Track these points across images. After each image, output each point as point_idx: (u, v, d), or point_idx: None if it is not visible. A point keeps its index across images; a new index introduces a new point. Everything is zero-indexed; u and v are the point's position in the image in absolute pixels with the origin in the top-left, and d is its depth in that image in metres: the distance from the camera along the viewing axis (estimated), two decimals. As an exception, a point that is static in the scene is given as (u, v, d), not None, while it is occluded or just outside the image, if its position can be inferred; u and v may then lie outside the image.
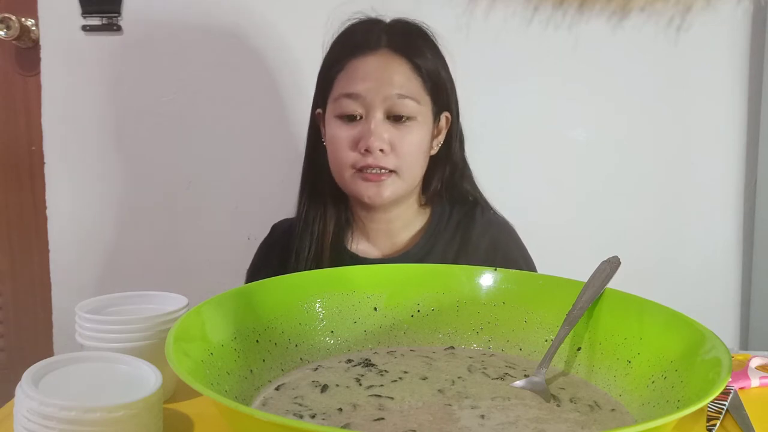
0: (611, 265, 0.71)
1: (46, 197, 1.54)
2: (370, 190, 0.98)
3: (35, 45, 1.51)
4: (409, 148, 0.98)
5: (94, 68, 1.49)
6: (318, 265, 1.03)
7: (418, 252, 1.04)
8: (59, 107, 1.51)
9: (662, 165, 1.52)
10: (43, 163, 1.53)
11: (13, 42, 1.51)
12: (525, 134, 1.49)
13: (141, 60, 1.49)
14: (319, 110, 1.06)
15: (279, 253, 1.08)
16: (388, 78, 0.97)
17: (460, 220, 1.07)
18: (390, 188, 0.99)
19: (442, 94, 1.03)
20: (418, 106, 0.99)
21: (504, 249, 1.06)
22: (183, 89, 1.49)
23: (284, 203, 1.18)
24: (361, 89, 0.97)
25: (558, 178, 1.51)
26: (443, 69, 1.03)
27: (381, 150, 0.96)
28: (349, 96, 0.98)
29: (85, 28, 1.48)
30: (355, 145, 0.97)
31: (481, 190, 1.11)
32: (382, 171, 0.98)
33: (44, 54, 1.49)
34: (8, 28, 1.48)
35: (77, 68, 1.49)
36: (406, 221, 1.06)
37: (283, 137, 1.50)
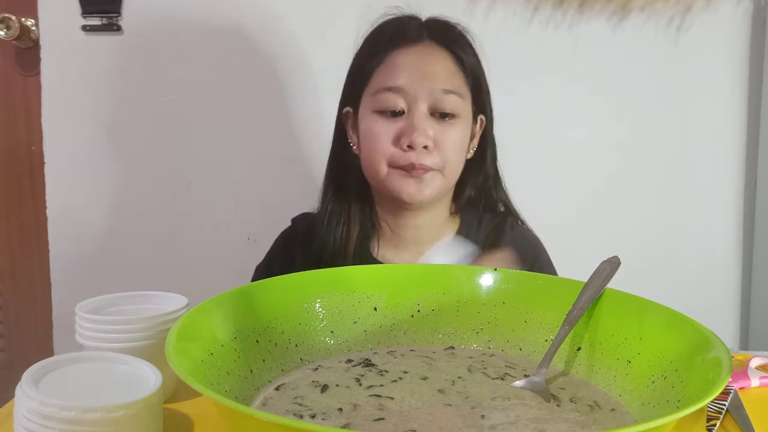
0: (611, 265, 0.71)
1: (46, 197, 1.54)
2: (411, 188, 0.93)
3: (35, 45, 1.51)
4: (453, 146, 0.94)
5: (94, 68, 1.49)
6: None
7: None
8: (59, 107, 1.51)
9: (662, 165, 1.52)
10: (43, 163, 1.53)
11: (13, 42, 1.52)
12: (525, 134, 1.49)
13: (141, 60, 1.49)
14: (348, 109, 1.01)
15: (300, 250, 1.05)
16: (432, 71, 0.93)
17: (489, 232, 1.04)
18: (431, 186, 0.94)
19: (481, 94, 1.00)
20: (462, 102, 0.95)
21: (530, 265, 1.02)
22: (183, 89, 1.49)
23: (284, 203, 1.18)
24: (404, 82, 0.92)
25: (558, 178, 1.51)
26: (481, 70, 1.00)
27: (425, 147, 0.92)
28: (391, 89, 0.93)
29: (85, 28, 1.48)
30: (396, 140, 0.93)
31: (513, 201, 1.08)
32: (426, 168, 0.93)
33: (44, 54, 1.49)
34: (8, 28, 1.48)
35: (77, 68, 1.49)
36: (435, 229, 1.02)
37: (284, 137, 1.50)
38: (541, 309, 0.73)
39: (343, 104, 1.03)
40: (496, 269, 0.77)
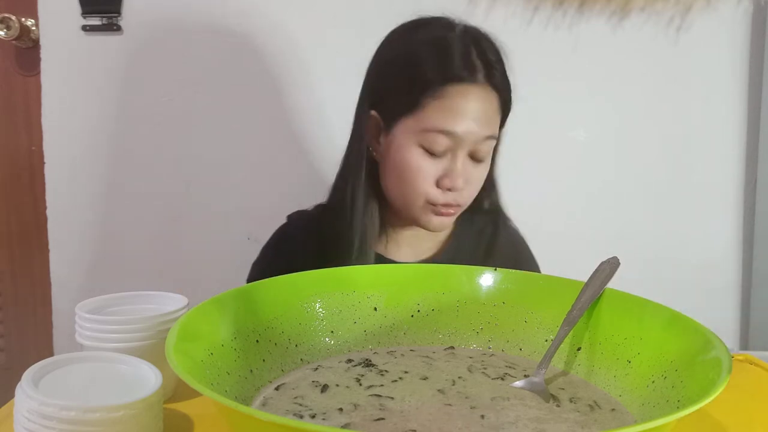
0: (611, 266, 0.71)
1: (46, 197, 1.54)
2: (437, 222, 0.97)
3: (35, 45, 1.51)
4: (479, 182, 0.98)
5: (94, 68, 1.49)
6: (361, 263, 1.00)
7: (443, 259, 1.03)
8: (59, 107, 1.51)
9: (662, 165, 1.52)
10: (43, 163, 1.53)
11: (13, 42, 1.52)
12: (525, 134, 1.49)
13: (141, 60, 1.49)
14: (374, 113, 0.98)
15: (299, 247, 1.05)
16: (486, 118, 0.93)
17: (483, 228, 1.07)
18: (453, 218, 0.99)
19: (505, 121, 1.01)
20: (494, 142, 0.97)
21: (523, 262, 1.06)
22: (183, 89, 1.49)
23: (284, 203, 1.18)
24: (462, 130, 0.91)
25: (558, 178, 1.51)
26: (510, 92, 1.00)
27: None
28: (446, 133, 0.91)
29: (85, 28, 1.48)
30: (438, 180, 0.94)
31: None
32: (458, 207, 0.97)
33: (44, 54, 1.49)
34: (8, 28, 1.48)
35: (77, 68, 1.49)
36: None
37: (284, 137, 1.50)
38: (541, 309, 0.73)
39: (368, 104, 0.99)
40: (496, 269, 0.77)
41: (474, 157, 0.95)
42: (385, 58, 0.99)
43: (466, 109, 0.91)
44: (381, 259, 1.03)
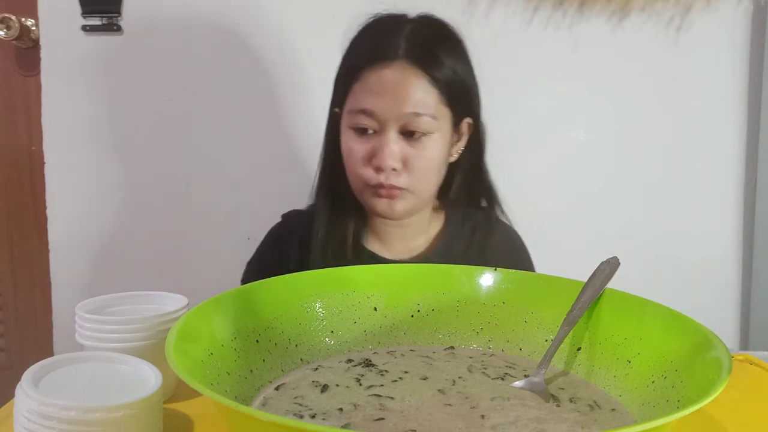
0: (610, 266, 0.71)
1: (46, 197, 1.54)
2: (383, 205, 0.97)
3: (35, 45, 1.51)
4: (423, 165, 0.96)
5: (94, 68, 1.49)
6: (340, 263, 1.01)
7: (434, 259, 1.03)
8: (59, 107, 1.51)
9: (662, 165, 1.52)
10: (43, 163, 1.53)
11: (13, 42, 1.52)
12: (525, 134, 1.49)
13: (141, 60, 1.49)
14: (337, 109, 1.03)
15: (293, 245, 1.06)
16: (404, 94, 0.93)
17: (475, 226, 1.06)
18: (402, 203, 0.97)
19: (463, 102, 0.99)
20: (435, 121, 0.95)
21: (518, 259, 1.06)
22: (183, 89, 1.49)
23: (284, 204, 1.18)
24: (376, 106, 0.93)
25: (558, 179, 1.52)
26: (467, 74, 1.00)
27: (393, 169, 0.94)
28: (363, 111, 0.94)
29: (85, 28, 1.48)
30: (368, 160, 0.95)
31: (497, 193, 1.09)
32: (395, 188, 0.95)
33: (44, 54, 1.49)
34: (8, 28, 1.48)
35: (77, 68, 1.49)
36: (421, 226, 1.05)
37: (283, 137, 1.50)
38: (541, 309, 0.73)
39: (333, 104, 1.05)
40: (496, 269, 0.77)
41: (409, 137, 0.94)
42: (341, 62, 1.03)
43: (380, 87, 0.94)
44: (372, 256, 1.04)
